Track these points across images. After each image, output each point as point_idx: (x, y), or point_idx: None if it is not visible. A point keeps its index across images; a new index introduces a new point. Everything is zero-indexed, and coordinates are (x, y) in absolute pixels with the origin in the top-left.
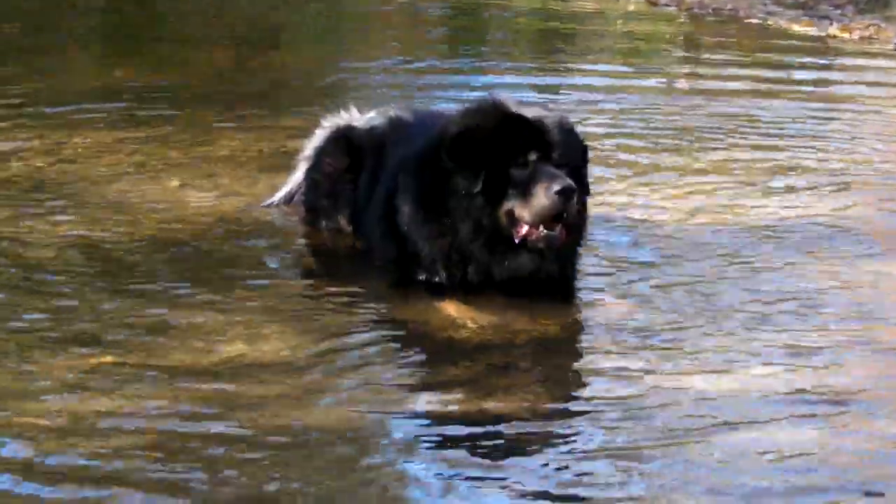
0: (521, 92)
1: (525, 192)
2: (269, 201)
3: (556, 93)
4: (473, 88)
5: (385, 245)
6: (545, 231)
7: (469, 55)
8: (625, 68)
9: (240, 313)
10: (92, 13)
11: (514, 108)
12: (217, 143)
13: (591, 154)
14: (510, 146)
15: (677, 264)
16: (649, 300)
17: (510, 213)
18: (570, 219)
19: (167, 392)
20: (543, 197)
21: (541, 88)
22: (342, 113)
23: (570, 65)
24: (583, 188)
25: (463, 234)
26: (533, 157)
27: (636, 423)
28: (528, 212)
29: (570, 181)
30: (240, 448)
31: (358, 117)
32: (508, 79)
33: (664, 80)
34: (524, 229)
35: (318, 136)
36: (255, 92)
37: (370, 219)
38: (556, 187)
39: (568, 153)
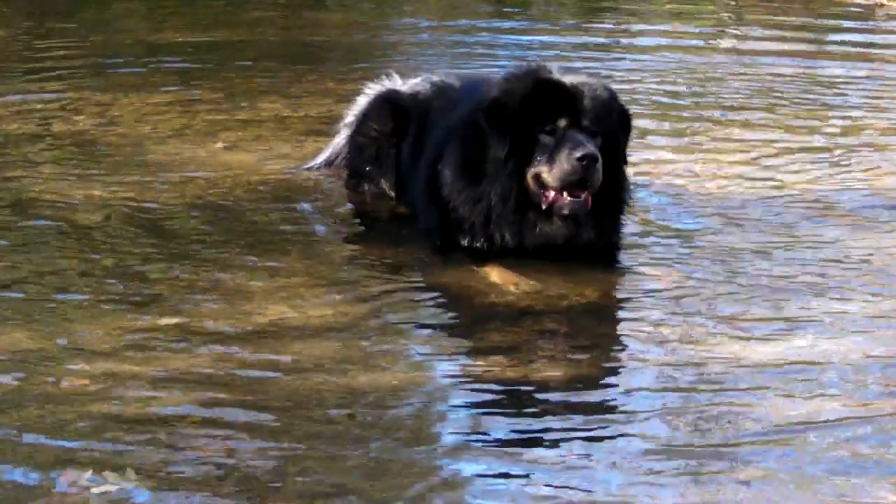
0: (567, 53)
1: (551, 158)
2: (309, 164)
3: (602, 54)
4: (522, 49)
5: (429, 211)
6: (569, 197)
7: (516, 16)
8: (671, 32)
9: (284, 277)
10: None
11: (553, 74)
12: (263, 105)
13: (634, 120)
14: (541, 111)
15: (720, 232)
16: (691, 268)
17: (537, 178)
18: (593, 186)
19: (213, 354)
20: (565, 162)
21: (586, 49)
22: (385, 79)
23: (615, 26)
24: (619, 157)
25: (494, 198)
26: (562, 122)
27: (678, 392)
28: (552, 177)
29: (592, 148)
30: (282, 413)
31: (401, 83)
32: (555, 40)
33: (710, 42)
34: (551, 195)
35: (361, 102)
36: (301, 53)
37: (414, 184)
38: (578, 153)
39: (602, 121)
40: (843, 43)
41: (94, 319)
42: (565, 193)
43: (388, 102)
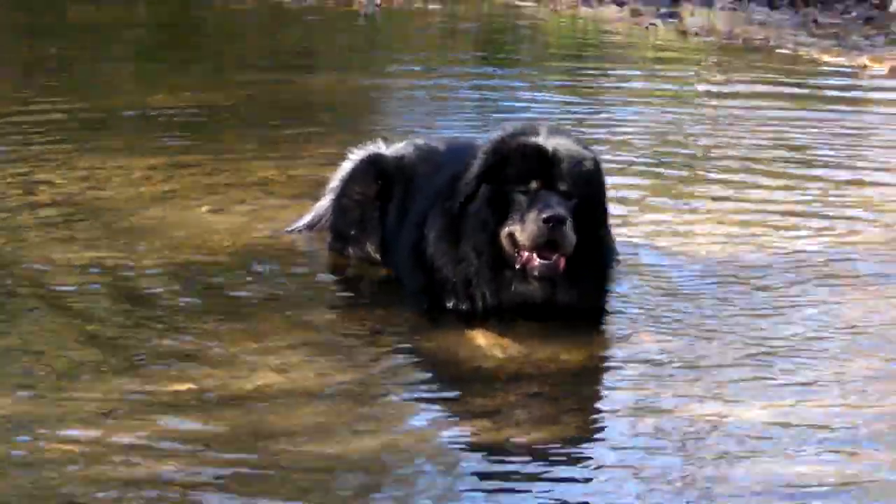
0: (553, 115)
1: (522, 218)
2: (292, 227)
3: (586, 116)
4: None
5: (414, 274)
6: (539, 260)
7: (503, 78)
8: (655, 92)
9: (269, 342)
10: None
11: (535, 137)
12: (249, 168)
13: (619, 178)
14: (517, 172)
15: (706, 295)
16: (678, 332)
17: (511, 237)
18: (564, 248)
19: (197, 421)
20: (533, 223)
21: (571, 111)
22: (370, 144)
23: (600, 88)
24: (597, 220)
25: (471, 256)
26: (535, 184)
27: (664, 456)
28: (523, 237)
29: (560, 210)
30: (268, 477)
31: (385, 147)
32: (541, 103)
33: (694, 106)
34: (524, 255)
35: (346, 167)
36: (289, 116)
37: (400, 247)
38: (545, 214)
39: (579, 184)
40: (828, 111)
41: (77, 386)
42: (535, 255)
43: (373, 166)
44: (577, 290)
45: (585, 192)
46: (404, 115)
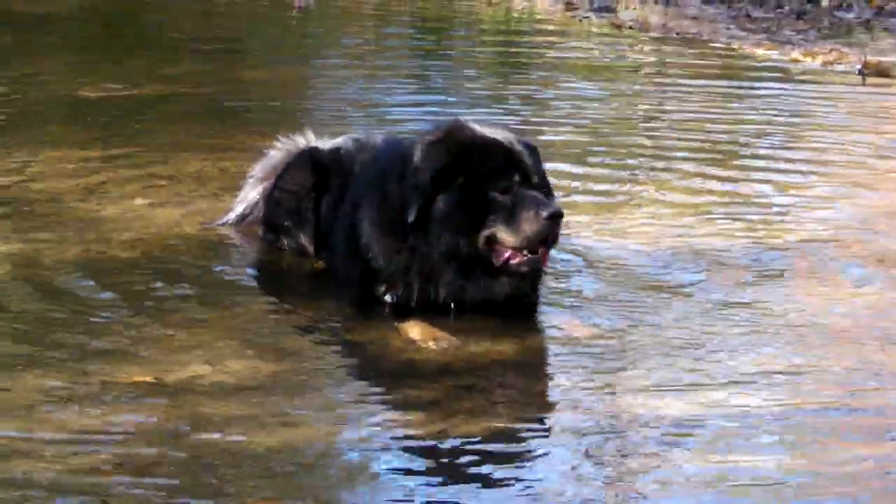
0: (488, 111)
1: (511, 218)
2: (223, 220)
3: (521, 111)
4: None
5: (348, 262)
6: (528, 255)
7: (435, 74)
8: (589, 88)
9: (201, 333)
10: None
11: (482, 132)
12: (183, 161)
13: (555, 169)
14: (484, 171)
15: (642, 289)
16: (612, 324)
17: (491, 239)
18: (556, 241)
19: (126, 413)
20: (534, 223)
21: (505, 106)
22: (299, 136)
23: (534, 84)
24: None
25: (435, 257)
26: (513, 182)
27: (597, 445)
28: (517, 237)
29: (558, 205)
30: (197, 468)
31: (314, 140)
32: (474, 98)
33: (627, 101)
34: (507, 254)
35: (272, 157)
36: (223, 109)
37: (335, 236)
38: (546, 213)
39: (541, 176)
40: (760, 105)
41: (4, 378)
42: (524, 251)
43: (308, 157)
44: (530, 284)
45: (545, 182)
46: (337, 107)
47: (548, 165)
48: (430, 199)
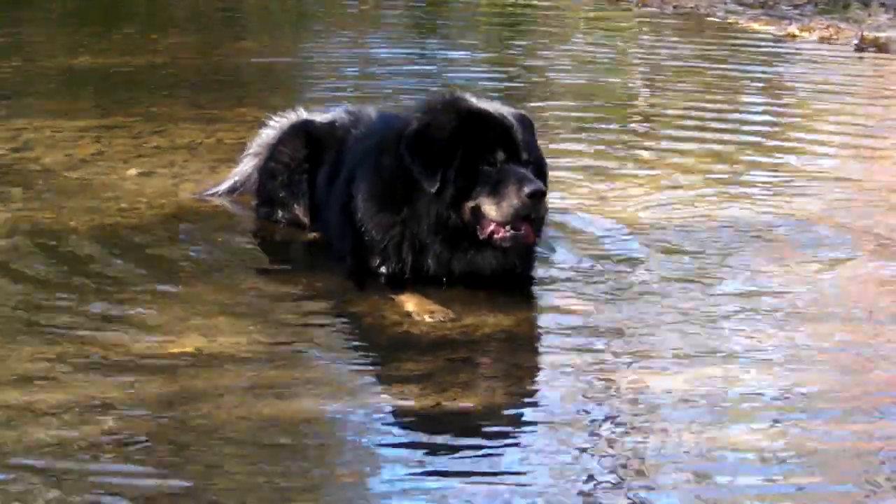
0: (483, 82)
1: (495, 192)
2: (213, 190)
3: (516, 85)
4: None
5: (343, 234)
6: (512, 230)
7: (431, 48)
8: (585, 59)
9: (196, 306)
10: None
11: (477, 105)
12: (177, 131)
13: (551, 144)
14: (477, 144)
15: (638, 263)
16: (606, 298)
17: (476, 211)
18: (541, 219)
19: (123, 384)
20: (515, 198)
21: (503, 78)
22: (290, 112)
23: (529, 57)
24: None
25: (423, 228)
26: (502, 156)
27: (590, 422)
28: (499, 212)
29: (540, 184)
30: (195, 441)
31: (306, 115)
32: (470, 68)
33: (625, 73)
34: (490, 227)
35: (266, 133)
36: (217, 80)
37: (330, 209)
38: (528, 189)
39: (531, 151)
40: (756, 79)
41: (2, 348)
42: (507, 226)
43: (302, 130)
44: (522, 258)
45: (537, 157)
46: (334, 80)
47: (541, 140)
48: (444, 168)
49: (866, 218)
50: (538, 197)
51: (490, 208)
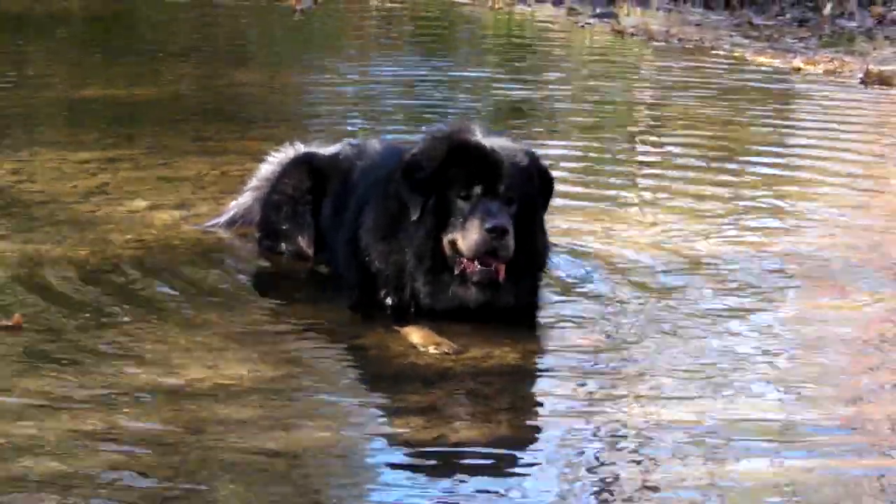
0: (490, 114)
1: (463, 226)
2: (212, 223)
3: (523, 117)
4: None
5: (349, 266)
6: (479, 266)
7: (436, 79)
8: (590, 93)
9: (201, 337)
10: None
11: (473, 137)
12: (183, 163)
13: (555, 174)
14: (458, 176)
15: (640, 296)
16: (612, 331)
17: (453, 244)
18: (505, 256)
19: (124, 416)
20: (475, 233)
21: (508, 109)
22: (289, 146)
23: (536, 87)
24: (536, 221)
25: (409, 256)
26: (477, 189)
27: (595, 456)
28: (465, 246)
29: (502, 220)
30: (199, 472)
31: (304, 148)
32: (474, 103)
33: (628, 107)
34: (463, 262)
35: (266, 168)
36: (220, 112)
37: (336, 240)
38: (488, 225)
39: (519, 186)
40: (762, 113)
41: (5, 380)
42: (476, 262)
43: (305, 162)
44: (515, 291)
45: (526, 193)
46: (337, 111)
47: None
48: (428, 198)
49: (872, 250)
50: (498, 233)
51: (461, 243)
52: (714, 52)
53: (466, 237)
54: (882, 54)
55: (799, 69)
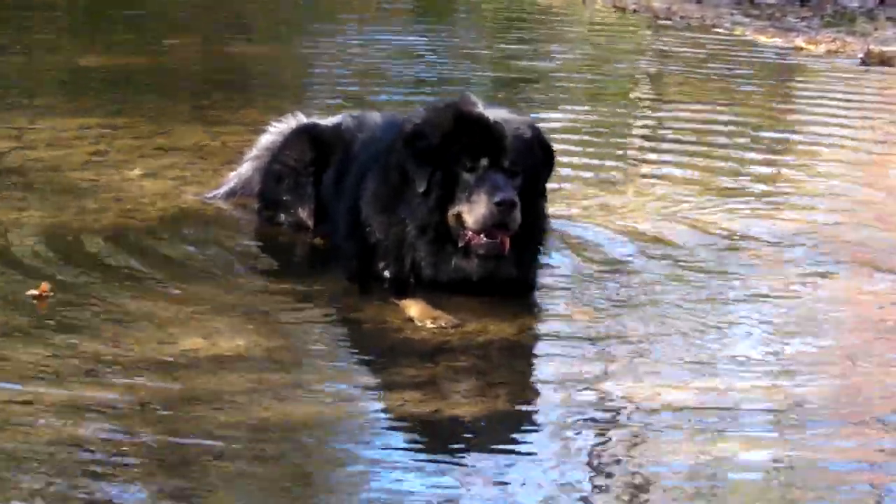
0: (489, 87)
1: (469, 199)
2: (212, 194)
3: (522, 90)
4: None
5: (348, 238)
6: (486, 238)
7: (437, 53)
8: (590, 72)
9: (197, 307)
10: None
11: (476, 109)
12: (181, 133)
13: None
14: (463, 149)
15: (640, 272)
16: (609, 307)
17: (458, 217)
18: (511, 229)
19: (119, 387)
20: (483, 206)
21: (507, 84)
22: (290, 116)
23: (532, 61)
24: (539, 193)
25: (412, 229)
26: (483, 162)
27: (591, 431)
28: (472, 219)
29: (511, 193)
30: (191, 444)
31: (304, 120)
32: (475, 74)
33: (629, 84)
34: (468, 234)
35: (266, 139)
36: (221, 82)
37: (337, 211)
38: (497, 198)
39: (523, 159)
40: (762, 92)
41: (3, 348)
42: (482, 234)
43: (307, 133)
44: (517, 264)
45: (530, 165)
46: (339, 83)
47: None
48: (434, 168)
49: (870, 231)
50: (507, 206)
51: (467, 216)
52: (715, 29)
53: (474, 210)
54: (883, 35)
55: (800, 48)
